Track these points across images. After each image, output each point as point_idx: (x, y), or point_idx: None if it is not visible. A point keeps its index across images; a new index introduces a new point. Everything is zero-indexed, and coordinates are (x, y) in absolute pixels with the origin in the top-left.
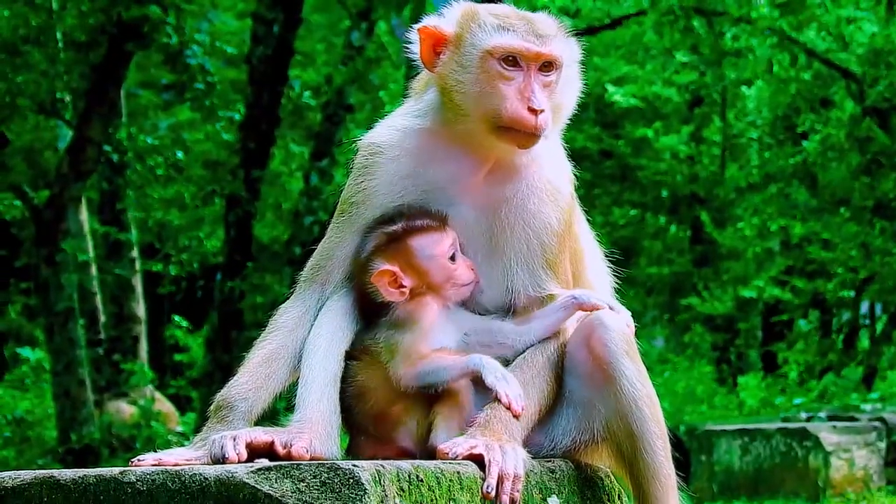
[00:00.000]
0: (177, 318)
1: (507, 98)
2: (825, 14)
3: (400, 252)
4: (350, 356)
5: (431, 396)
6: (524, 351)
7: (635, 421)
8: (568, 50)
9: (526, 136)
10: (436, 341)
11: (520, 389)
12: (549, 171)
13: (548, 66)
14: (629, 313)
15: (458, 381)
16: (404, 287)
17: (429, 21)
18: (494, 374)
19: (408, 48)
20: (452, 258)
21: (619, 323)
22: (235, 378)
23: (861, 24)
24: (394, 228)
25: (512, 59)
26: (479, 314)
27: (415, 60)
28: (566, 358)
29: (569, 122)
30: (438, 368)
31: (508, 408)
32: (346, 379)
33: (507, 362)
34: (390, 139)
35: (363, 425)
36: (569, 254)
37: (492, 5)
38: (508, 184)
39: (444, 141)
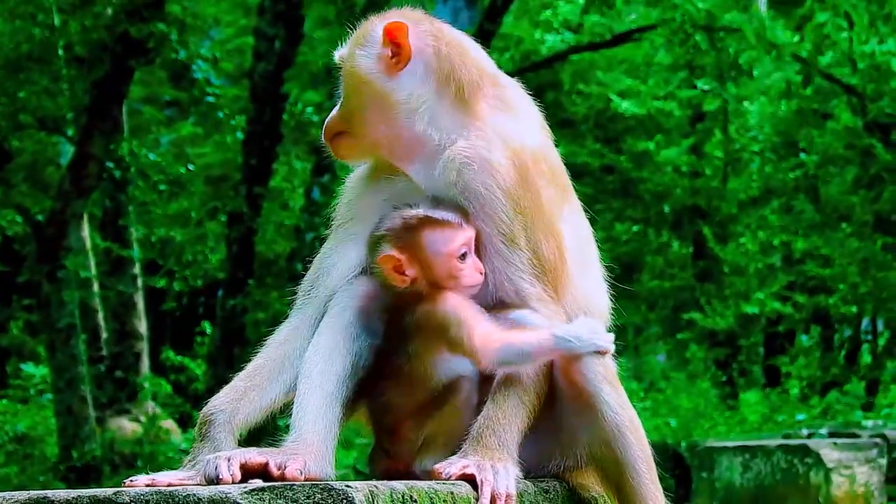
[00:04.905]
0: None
1: None
2: (853, 44)
3: (410, 241)
4: (380, 374)
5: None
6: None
7: (619, 447)
8: (346, 50)
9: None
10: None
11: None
12: (472, 143)
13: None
14: (611, 336)
15: (545, 361)
16: (406, 276)
17: None
18: (585, 344)
19: None
20: (463, 257)
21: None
22: (216, 394)
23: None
24: (412, 215)
25: None
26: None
27: None
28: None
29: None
30: (521, 348)
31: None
32: (373, 395)
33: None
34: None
35: (381, 440)
36: (541, 235)
37: None
38: (436, 170)
39: None
